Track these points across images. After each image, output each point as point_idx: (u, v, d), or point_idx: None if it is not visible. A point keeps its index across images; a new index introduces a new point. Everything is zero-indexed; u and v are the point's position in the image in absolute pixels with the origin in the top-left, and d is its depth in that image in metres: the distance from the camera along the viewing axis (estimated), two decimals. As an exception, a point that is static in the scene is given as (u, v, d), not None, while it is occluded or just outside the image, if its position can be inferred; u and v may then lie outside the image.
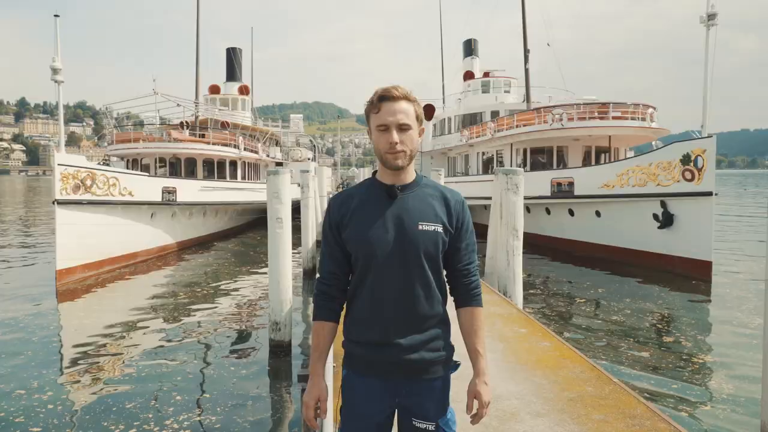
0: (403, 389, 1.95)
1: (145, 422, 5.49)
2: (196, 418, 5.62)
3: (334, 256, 2.01)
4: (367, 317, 1.95)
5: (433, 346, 1.95)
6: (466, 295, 2.03)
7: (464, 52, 33.18)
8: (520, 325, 6.09)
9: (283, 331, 7.71)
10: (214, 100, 29.40)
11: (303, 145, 36.48)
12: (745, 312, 9.71)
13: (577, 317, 9.57)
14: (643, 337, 8.39)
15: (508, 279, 7.80)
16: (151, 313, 10.03)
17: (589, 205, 16.37)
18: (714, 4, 12.72)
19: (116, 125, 24.65)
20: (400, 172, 1.96)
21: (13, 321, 9.31)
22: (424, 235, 1.91)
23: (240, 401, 6.07)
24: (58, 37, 13.24)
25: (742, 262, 15.06)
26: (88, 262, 13.36)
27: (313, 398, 1.96)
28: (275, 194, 7.80)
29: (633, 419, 3.59)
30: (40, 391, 6.32)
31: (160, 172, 22.13)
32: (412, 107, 1.92)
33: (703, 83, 12.96)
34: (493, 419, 3.61)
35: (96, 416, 5.65)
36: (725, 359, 7.35)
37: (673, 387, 6.33)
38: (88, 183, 13.40)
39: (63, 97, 13.34)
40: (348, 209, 1.99)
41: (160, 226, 16.97)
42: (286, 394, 6.38)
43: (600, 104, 18.76)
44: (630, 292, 11.51)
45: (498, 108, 25.29)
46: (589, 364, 4.71)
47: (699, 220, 13.11)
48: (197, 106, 25.46)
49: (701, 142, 12.95)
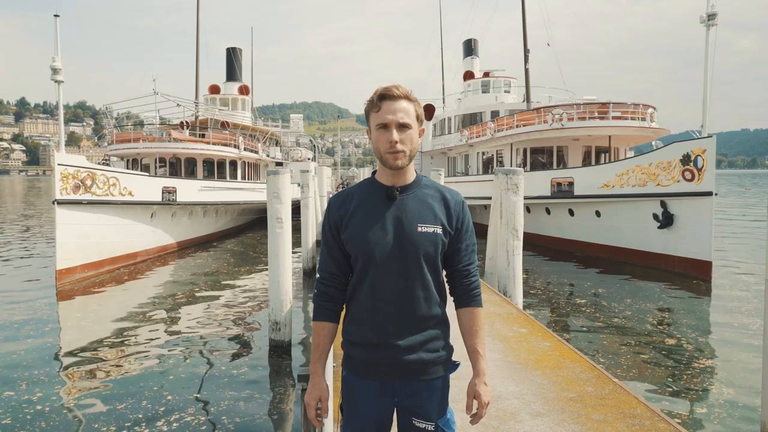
0: (403, 389, 1.95)
1: (145, 422, 5.49)
2: (196, 417, 5.62)
3: (334, 256, 2.01)
4: (366, 318, 1.95)
5: (432, 346, 1.95)
6: (465, 296, 2.03)
7: (464, 52, 33.19)
8: (520, 325, 6.09)
9: (283, 331, 7.72)
10: (214, 100, 29.39)
11: (303, 145, 36.45)
12: (745, 312, 9.71)
13: (577, 317, 9.57)
14: (643, 337, 8.39)
15: (508, 279, 7.80)
16: (150, 313, 10.03)
17: (589, 205, 16.37)
18: (714, 4, 12.72)
19: (116, 125, 24.66)
20: (399, 172, 1.95)
21: (13, 321, 9.31)
22: (424, 237, 1.91)
23: (240, 401, 6.07)
24: (58, 37, 13.25)
25: (742, 262, 15.05)
26: (87, 262, 13.36)
27: (314, 398, 1.97)
28: (275, 194, 7.80)
29: (633, 419, 3.58)
30: (30, 392, 6.28)
31: (160, 172, 22.13)
32: (412, 107, 1.92)
33: (703, 83, 12.96)
34: (493, 419, 3.61)
35: (95, 416, 5.65)
36: (725, 359, 7.35)
37: (673, 387, 6.33)
38: (88, 183, 13.40)
39: (63, 97, 13.36)
40: (347, 210, 1.98)
41: (160, 226, 16.97)
42: (286, 394, 6.38)
43: (600, 104, 18.75)
44: (630, 293, 11.51)
45: (498, 108, 25.29)
46: (589, 364, 4.71)
47: (699, 220, 13.10)
48: (197, 106, 25.47)
49: (701, 142, 12.95)
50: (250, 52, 39.98)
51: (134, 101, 22.63)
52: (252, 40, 41.58)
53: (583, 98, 23.26)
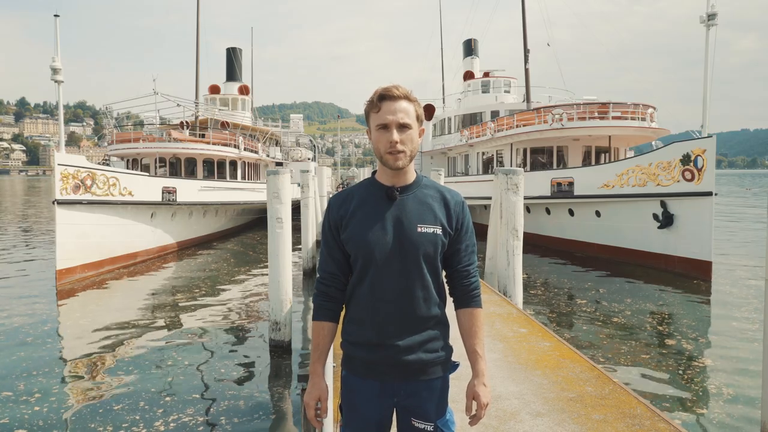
0: (402, 390, 1.95)
1: (145, 422, 5.49)
2: (196, 417, 5.62)
3: (334, 256, 2.01)
4: (366, 318, 1.95)
5: (431, 347, 1.95)
6: (465, 296, 2.03)
7: (464, 52, 33.20)
8: (520, 325, 6.09)
9: (283, 331, 7.72)
10: (214, 100, 29.41)
11: (303, 145, 36.46)
12: (745, 312, 9.71)
13: (577, 317, 9.57)
14: (643, 337, 8.39)
15: (508, 279, 7.80)
16: (150, 313, 10.03)
17: (589, 205, 16.37)
18: (714, 4, 12.72)
19: (116, 125, 24.66)
20: (400, 172, 1.95)
21: (13, 321, 9.31)
22: (424, 238, 1.91)
23: (240, 401, 6.07)
24: (58, 37, 13.25)
25: (742, 262, 15.05)
26: (87, 262, 13.37)
27: (313, 398, 1.97)
28: (275, 194, 7.80)
29: (633, 419, 3.59)
30: (27, 392, 6.27)
31: (160, 172, 22.13)
32: (412, 107, 1.92)
33: (703, 83, 12.96)
34: (493, 419, 3.61)
35: (92, 417, 5.64)
36: (725, 359, 7.34)
37: (673, 387, 6.33)
38: (88, 183, 13.40)
39: (63, 97, 13.36)
40: (347, 209, 1.98)
41: (160, 226, 16.97)
42: (286, 394, 6.38)
43: (600, 104, 18.75)
44: (630, 293, 11.51)
45: (498, 108, 25.30)
46: (589, 364, 4.71)
47: (699, 220, 13.11)
48: (197, 106, 25.47)
49: (701, 142, 12.95)
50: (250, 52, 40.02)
51: (134, 101, 22.66)
52: (252, 40, 41.61)
53: (583, 98, 23.27)
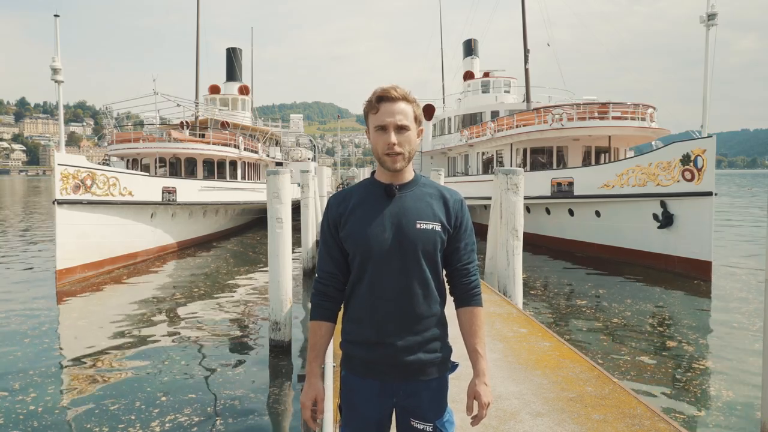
0: (401, 390, 1.94)
1: (141, 422, 5.48)
2: (196, 417, 5.62)
3: (332, 255, 2.01)
4: (365, 316, 1.94)
5: (431, 347, 1.95)
6: (465, 295, 2.03)
7: (464, 52, 33.19)
8: (520, 325, 6.09)
9: (283, 331, 7.72)
10: (214, 100, 29.41)
11: (303, 145, 36.46)
12: (745, 312, 9.70)
13: (577, 317, 9.57)
14: (643, 337, 8.39)
15: (508, 279, 7.79)
16: (150, 313, 10.03)
17: (589, 205, 16.37)
18: (714, 4, 12.72)
19: (116, 125, 24.66)
20: (398, 172, 1.96)
21: (12, 321, 9.30)
22: (423, 234, 1.91)
23: (240, 401, 6.06)
24: (58, 37, 13.25)
25: (742, 262, 15.05)
26: (87, 262, 13.36)
27: (309, 399, 1.96)
28: (275, 194, 7.80)
29: (633, 419, 3.58)
30: (24, 392, 6.26)
31: (160, 172, 22.13)
32: (410, 108, 1.92)
33: (703, 83, 12.96)
34: (493, 419, 3.61)
35: (89, 417, 5.64)
36: (725, 360, 7.34)
37: (673, 387, 6.33)
38: (88, 183, 13.40)
39: (63, 97, 13.36)
40: (346, 207, 1.98)
41: (160, 226, 16.97)
42: (286, 394, 6.38)
43: (600, 104, 18.75)
44: (630, 293, 11.51)
45: (498, 108, 25.29)
46: (589, 364, 4.71)
47: (699, 220, 13.10)
48: (197, 106, 25.47)
49: (701, 142, 12.95)
50: (250, 52, 40.02)
51: (134, 101, 22.66)
52: (252, 40, 41.62)
53: (583, 98, 23.26)
